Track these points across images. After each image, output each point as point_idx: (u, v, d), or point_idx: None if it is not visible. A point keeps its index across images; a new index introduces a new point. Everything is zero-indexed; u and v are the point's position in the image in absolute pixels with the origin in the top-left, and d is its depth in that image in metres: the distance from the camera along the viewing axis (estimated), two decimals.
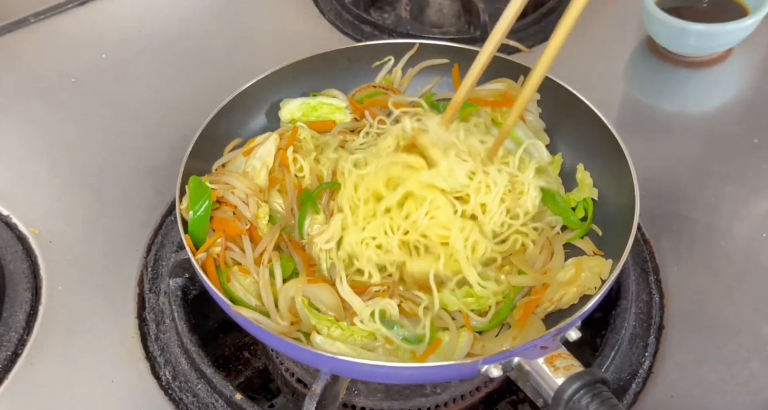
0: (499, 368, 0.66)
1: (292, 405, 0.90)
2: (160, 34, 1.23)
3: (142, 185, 1.01)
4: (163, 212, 0.98)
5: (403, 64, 0.99)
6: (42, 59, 1.19)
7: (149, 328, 0.87)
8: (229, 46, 1.22)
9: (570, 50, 1.21)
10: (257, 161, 0.86)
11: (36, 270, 0.91)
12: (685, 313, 0.88)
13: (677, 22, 1.10)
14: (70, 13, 1.26)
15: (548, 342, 0.67)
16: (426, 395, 0.81)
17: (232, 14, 1.28)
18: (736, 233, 0.95)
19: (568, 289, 0.77)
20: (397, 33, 1.24)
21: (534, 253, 0.82)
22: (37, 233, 0.95)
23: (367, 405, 0.81)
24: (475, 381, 0.83)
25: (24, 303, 0.88)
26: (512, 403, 0.91)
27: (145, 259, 0.93)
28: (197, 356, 0.82)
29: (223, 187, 0.83)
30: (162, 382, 0.83)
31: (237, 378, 0.96)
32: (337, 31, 1.25)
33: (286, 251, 0.81)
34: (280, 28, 1.26)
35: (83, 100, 1.12)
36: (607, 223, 0.85)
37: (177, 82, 1.15)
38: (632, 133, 0.99)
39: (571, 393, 0.62)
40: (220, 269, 0.78)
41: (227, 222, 0.80)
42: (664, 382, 0.82)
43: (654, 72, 1.17)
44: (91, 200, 0.99)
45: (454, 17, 1.36)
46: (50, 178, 1.02)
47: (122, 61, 1.18)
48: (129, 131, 1.08)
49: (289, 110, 0.95)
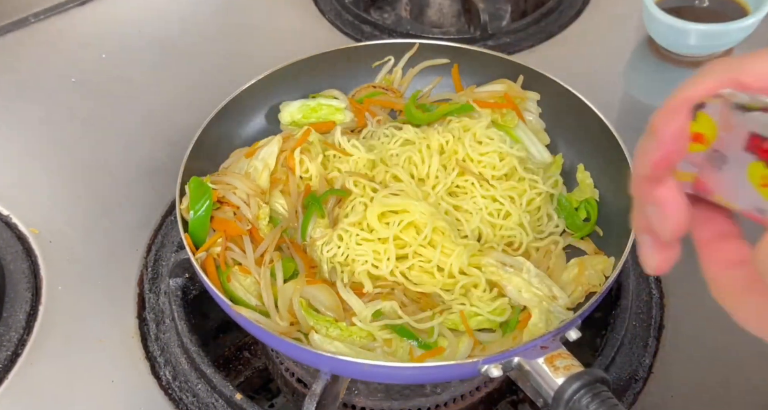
0: (499, 368, 0.66)
1: (292, 405, 0.90)
2: (160, 34, 1.23)
3: (142, 185, 1.01)
4: (163, 212, 0.98)
5: (403, 64, 0.99)
6: (42, 59, 1.19)
7: (149, 328, 0.87)
8: (229, 46, 1.22)
9: (570, 50, 1.22)
10: (259, 163, 0.86)
11: (36, 270, 0.92)
12: (685, 313, 0.88)
13: (677, 22, 1.10)
14: (70, 13, 1.26)
15: (548, 341, 0.67)
16: (426, 395, 0.81)
17: (232, 14, 1.28)
18: None
19: (574, 288, 0.77)
20: (397, 33, 1.24)
21: (538, 258, 0.82)
22: (37, 233, 0.95)
23: (367, 405, 0.81)
24: (475, 381, 0.83)
25: (24, 303, 0.88)
26: (512, 403, 0.91)
27: (145, 259, 0.93)
28: (197, 356, 0.82)
29: (224, 187, 0.83)
30: (162, 382, 0.83)
31: (237, 378, 0.96)
32: (337, 31, 1.25)
33: (287, 252, 0.81)
34: (280, 28, 1.26)
35: (83, 100, 1.12)
36: (608, 223, 0.85)
37: (177, 82, 1.15)
38: (632, 133, 0.99)
39: (571, 392, 0.62)
40: (220, 269, 0.78)
41: (228, 222, 0.80)
42: (664, 382, 0.82)
43: (654, 72, 1.17)
44: (91, 200, 0.99)
45: (454, 17, 1.36)
46: (50, 178, 1.02)
47: (122, 61, 1.18)
48: (129, 131, 1.08)
49: (288, 112, 0.95)
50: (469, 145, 0.86)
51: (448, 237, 0.79)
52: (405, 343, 0.74)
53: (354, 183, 0.84)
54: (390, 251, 0.78)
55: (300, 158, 0.86)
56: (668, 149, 0.42)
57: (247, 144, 0.92)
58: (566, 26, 1.25)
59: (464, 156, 0.86)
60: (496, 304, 0.77)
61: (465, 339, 0.75)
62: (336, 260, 0.80)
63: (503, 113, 0.92)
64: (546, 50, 1.21)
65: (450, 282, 0.78)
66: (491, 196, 0.84)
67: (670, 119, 0.42)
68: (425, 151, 0.86)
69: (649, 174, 0.42)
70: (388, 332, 0.74)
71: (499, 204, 0.84)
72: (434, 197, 0.84)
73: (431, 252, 0.78)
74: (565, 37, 1.23)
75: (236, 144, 0.93)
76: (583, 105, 0.88)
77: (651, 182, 0.42)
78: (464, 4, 1.32)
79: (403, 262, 0.78)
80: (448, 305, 0.77)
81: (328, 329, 0.73)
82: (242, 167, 0.87)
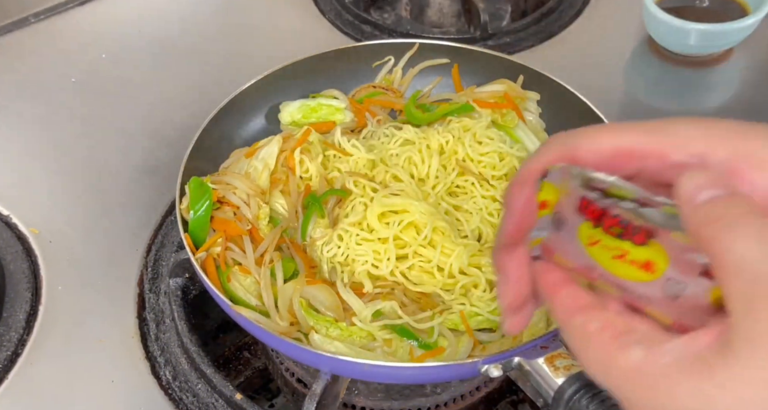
0: (499, 368, 0.66)
1: (292, 405, 0.90)
2: (160, 34, 1.23)
3: (142, 185, 1.01)
4: (163, 212, 0.98)
5: (404, 64, 0.99)
6: (42, 59, 1.19)
7: (149, 328, 0.87)
8: (228, 46, 1.22)
9: (570, 50, 1.21)
10: (259, 163, 0.86)
11: (36, 270, 0.92)
12: None
13: (677, 22, 1.10)
14: (70, 13, 1.26)
15: (548, 341, 0.67)
16: (426, 395, 0.81)
17: (232, 14, 1.28)
18: None
19: None
20: (397, 33, 1.24)
21: None
22: (37, 233, 0.95)
23: (367, 405, 0.81)
24: (475, 381, 0.83)
25: (24, 303, 0.88)
26: (512, 403, 0.91)
27: (145, 259, 0.93)
28: (197, 356, 0.82)
29: (224, 187, 0.83)
30: (162, 382, 0.83)
31: (237, 378, 0.96)
32: (337, 31, 1.25)
33: (287, 252, 0.81)
34: (280, 28, 1.26)
35: (83, 100, 1.12)
36: None
37: (177, 82, 1.15)
38: None
39: (572, 392, 0.62)
40: (220, 269, 0.78)
41: (228, 222, 0.80)
42: None
43: (654, 72, 1.17)
44: (91, 200, 0.99)
45: (454, 17, 1.36)
46: (50, 178, 1.02)
47: (122, 61, 1.18)
48: (129, 131, 1.08)
49: (288, 112, 0.95)
50: (469, 145, 0.86)
51: (448, 237, 0.79)
52: (405, 343, 0.74)
53: (354, 183, 0.84)
54: (390, 251, 0.78)
55: (300, 158, 0.86)
56: (518, 219, 0.46)
57: (247, 144, 0.92)
58: (566, 26, 1.25)
59: (464, 156, 0.86)
60: (496, 304, 0.77)
61: (465, 339, 0.75)
62: (336, 260, 0.80)
63: (503, 113, 0.92)
64: (546, 50, 1.21)
65: (450, 282, 0.78)
66: (491, 196, 0.84)
67: (517, 192, 0.46)
68: (425, 151, 0.86)
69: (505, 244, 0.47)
70: (388, 332, 0.74)
71: (499, 204, 0.84)
72: (434, 197, 0.84)
73: (431, 252, 0.78)
74: (565, 37, 1.23)
75: (236, 144, 0.93)
76: (583, 105, 0.88)
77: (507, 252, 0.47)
78: (464, 4, 1.32)
79: (403, 262, 0.78)
80: (448, 306, 0.77)
81: (328, 329, 0.73)
82: (242, 167, 0.87)
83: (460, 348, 0.74)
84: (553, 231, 0.47)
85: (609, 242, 0.44)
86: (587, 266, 0.45)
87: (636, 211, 0.42)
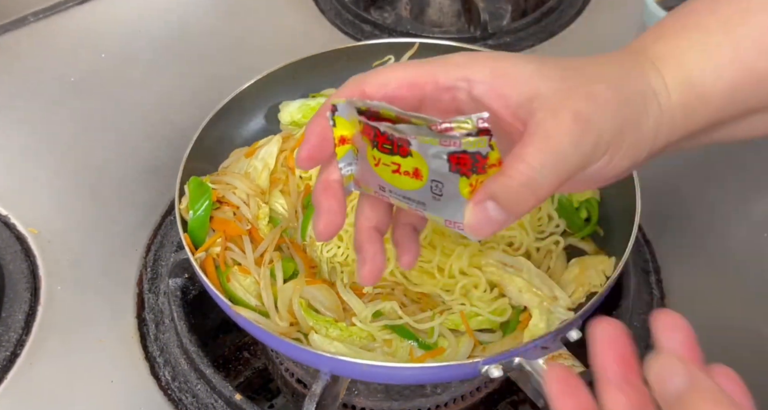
0: (499, 368, 0.66)
1: (291, 405, 0.89)
2: (160, 34, 1.23)
3: (142, 185, 1.01)
4: (162, 212, 0.97)
5: None
6: (41, 59, 1.19)
7: (149, 328, 0.87)
8: (228, 46, 1.21)
9: (571, 49, 1.21)
10: (259, 163, 0.85)
11: (35, 270, 0.91)
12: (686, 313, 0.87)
13: None
14: (69, 13, 1.26)
15: (549, 342, 0.67)
16: (426, 395, 0.81)
17: (232, 14, 1.27)
18: (737, 233, 0.94)
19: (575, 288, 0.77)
20: (397, 32, 1.23)
21: (538, 259, 0.82)
22: (36, 233, 0.95)
23: (367, 405, 0.81)
24: (475, 382, 0.83)
25: (23, 303, 0.87)
26: (512, 404, 0.90)
27: (145, 259, 0.93)
28: (197, 356, 0.82)
29: (224, 187, 0.83)
30: (161, 382, 0.83)
31: (237, 378, 0.96)
32: (337, 30, 1.24)
33: (287, 252, 0.81)
34: (279, 28, 1.25)
35: (83, 100, 1.12)
36: (608, 223, 0.85)
37: (177, 82, 1.15)
38: None
39: None
40: (219, 270, 0.77)
41: (227, 222, 0.80)
42: None
43: None
44: (91, 200, 0.99)
45: (455, 17, 1.36)
46: (50, 178, 1.02)
47: (122, 61, 1.18)
48: (129, 131, 1.08)
49: (288, 112, 0.94)
50: None
51: (448, 237, 0.79)
52: (405, 343, 0.73)
53: None
54: (390, 251, 0.78)
55: None
56: (312, 145, 0.53)
57: (247, 144, 0.91)
58: (567, 25, 1.24)
59: None
60: (496, 304, 0.77)
61: (465, 340, 0.74)
62: (336, 260, 0.80)
63: None
64: (546, 50, 1.21)
65: (450, 282, 0.78)
66: None
67: (314, 124, 0.53)
68: None
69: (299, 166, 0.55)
70: (388, 332, 0.74)
71: None
72: None
73: (431, 252, 0.78)
74: (566, 36, 1.23)
75: (236, 144, 0.92)
76: None
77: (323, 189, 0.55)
78: (464, 3, 1.32)
79: None
80: (449, 306, 0.77)
81: (327, 329, 0.73)
82: (242, 167, 0.87)
83: (461, 348, 0.74)
84: (356, 164, 0.53)
85: (386, 159, 0.50)
86: (381, 186, 0.52)
87: (394, 127, 0.48)
